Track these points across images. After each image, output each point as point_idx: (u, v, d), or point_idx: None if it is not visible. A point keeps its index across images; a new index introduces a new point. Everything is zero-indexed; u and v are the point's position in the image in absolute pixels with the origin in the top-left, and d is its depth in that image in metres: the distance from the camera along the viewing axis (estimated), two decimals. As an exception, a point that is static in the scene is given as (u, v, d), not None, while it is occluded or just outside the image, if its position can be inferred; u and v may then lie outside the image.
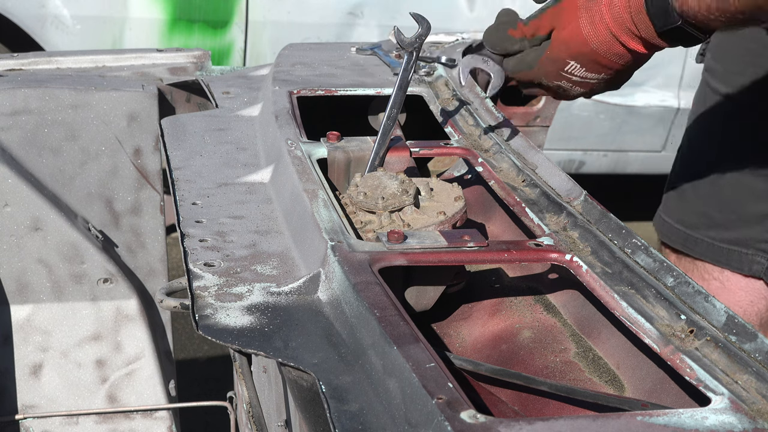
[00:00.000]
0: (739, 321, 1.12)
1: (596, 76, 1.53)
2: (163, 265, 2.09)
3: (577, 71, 1.52)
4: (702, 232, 2.10)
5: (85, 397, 2.02)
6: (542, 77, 1.56)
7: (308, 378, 1.11)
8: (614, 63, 1.49)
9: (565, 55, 1.51)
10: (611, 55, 1.48)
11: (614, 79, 1.54)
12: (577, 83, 1.55)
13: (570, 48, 1.50)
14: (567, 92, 1.58)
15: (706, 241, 2.10)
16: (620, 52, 1.47)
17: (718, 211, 2.07)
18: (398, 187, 1.40)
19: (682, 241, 2.14)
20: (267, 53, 4.06)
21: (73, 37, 3.91)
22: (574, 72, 1.53)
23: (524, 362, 1.38)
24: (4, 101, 1.92)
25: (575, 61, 1.51)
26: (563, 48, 1.50)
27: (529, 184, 1.49)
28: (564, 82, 1.55)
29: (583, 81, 1.54)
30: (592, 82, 1.54)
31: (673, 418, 0.97)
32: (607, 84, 1.56)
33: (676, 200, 2.17)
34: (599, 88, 1.57)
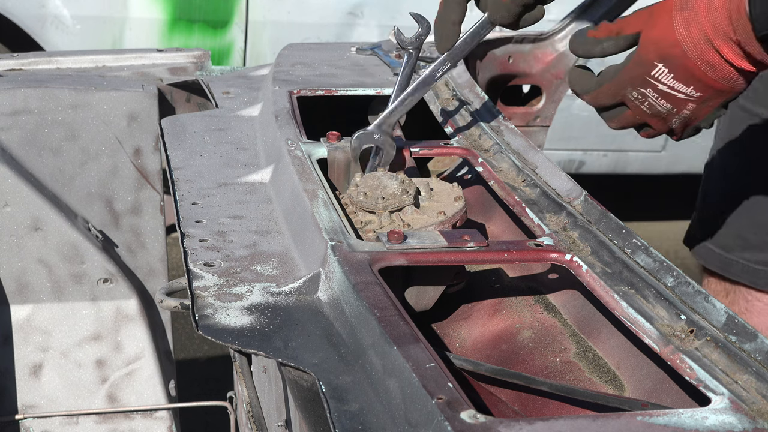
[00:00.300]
0: (739, 321, 1.12)
1: (684, 89, 1.36)
2: (163, 265, 2.09)
3: (664, 77, 1.37)
4: (737, 253, 2.10)
5: (85, 397, 2.02)
6: (627, 84, 1.39)
7: (308, 378, 1.11)
8: (705, 75, 1.34)
9: (653, 56, 1.36)
10: (702, 64, 1.33)
11: (705, 99, 1.37)
12: (663, 94, 1.37)
13: (659, 48, 1.35)
14: (654, 108, 1.39)
15: (742, 262, 2.10)
16: (713, 60, 1.32)
17: (753, 233, 2.07)
18: (398, 187, 1.40)
19: (718, 263, 2.14)
20: (267, 53, 4.06)
21: (73, 37, 3.91)
22: (661, 78, 1.37)
23: (524, 362, 1.38)
24: (4, 101, 1.92)
25: (663, 65, 1.35)
26: (652, 48, 1.36)
27: (529, 184, 1.49)
28: (650, 90, 1.37)
29: (670, 93, 1.37)
30: (680, 96, 1.37)
31: (673, 418, 0.97)
32: (698, 107, 1.38)
33: (710, 222, 2.17)
34: (688, 112, 1.39)
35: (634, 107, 1.40)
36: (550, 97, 2.30)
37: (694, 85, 1.35)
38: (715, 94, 1.36)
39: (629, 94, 1.39)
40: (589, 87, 1.42)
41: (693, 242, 2.22)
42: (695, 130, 1.43)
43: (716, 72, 1.33)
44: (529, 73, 2.27)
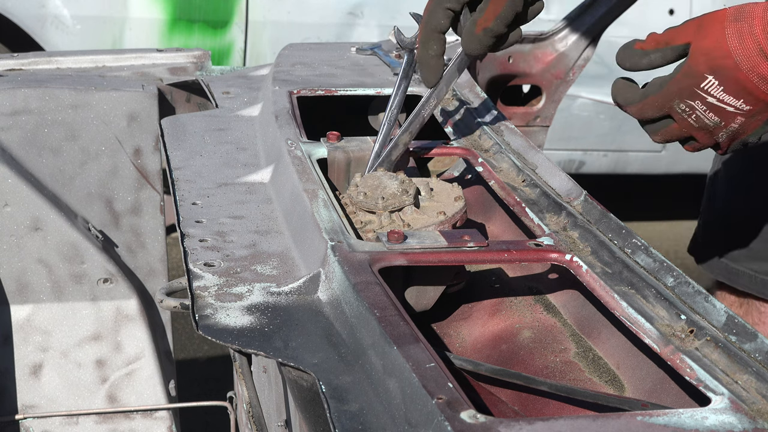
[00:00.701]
0: (739, 321, 1.12)
1: (734, 102, 1.31)
2: (163, 265, 2.09)
3: (714, 90, 1.31)
4: (744, 264, 2.10)
5: (85, 397, 2.02)
6: (674, 96, 1.34)
7: (308, 378, 1.11)
8: (757, 88, 1.29)
9: (704, 68, 1.31)
10: (755, 76, 1.28)
11: (755, 113, 1.33)
12: (712, 107, 1.32)
13: (710, 59, 1.30)
14: (701, 121, 1.35)
15: (749, 273, 2.10)
16: (766, 73, 1.28)
17: (759, 243, 2.07)
18: (398, 187, 1.40)
19: (725, 274, 2.14)
20: (267, 53, 4.06)
21: (73, 37, 3.91)
22: (711, 90, 1.31)
23: (524, 362, 1.38)
24: (4, 101, 1.92)
25: (714, 77, 1.30)
26: (702, 59, 1.31)
27: (529, 184, 1.49)
28: (698, 103, 1.33)
29: (719, 106, 1.32)
30: (729, 110, 1.32)
31: (673, 418, 0.97)
32: (747, 121, 1.34)
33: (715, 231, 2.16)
34: (736, 126, 1.35)
35: (681, 120, 1.36)
36: (550, 97, 2.30)
37: (744, 98, 1.31)
38: (766, 108, 1.32)
39: (676, 107, 1.34)
40: (634, 99, 1.38)
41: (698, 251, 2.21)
42: (742, 144, 1.39)
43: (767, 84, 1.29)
44: (529, 73, 2.27)
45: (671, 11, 4.27)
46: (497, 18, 1.39)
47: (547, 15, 4.16)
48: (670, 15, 4.25)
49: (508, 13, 1.39)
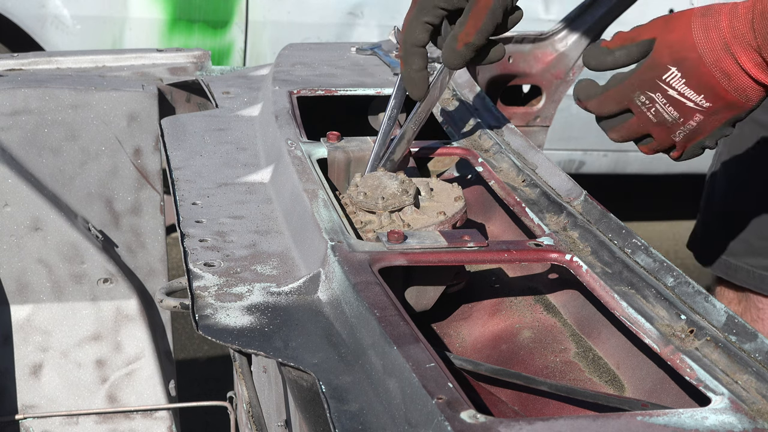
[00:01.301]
0: (739, 321, 1.12)
1: (695, 97, 1.30)
2: (163, 265, 2.09)
3: (676, 82, 1.30)
4: (742, 259, 2.10)
5: (85, 397, 2.02)
6: (636, 88, 1.33)
7: (308, 378, 1.11)
8: (719, 84, 1.28)
9: (667, 59, 1.30)
10: (717, 71, 1.28)
11: (714, 111, 1.32)
12: (672, 101, 1.31)
13: (674, 52, 1.30)
14: (660, 115, 1.33)
15: (747, 268, 2.10)
16: (729, 69, 1.27)
17: (757, 238, 2.07)
18: (398, 187, 1.40)
19: (724, 269, 2.14)
20: (267, 53, 4.06)
21: (73, 37, 3.91)
22: (673, 83, 1.30)
23: (524, 362, 1.38)
24: (4, 101, 1.92)
25: (677, 68, 1.29)
26: (666, 52, 1.30)
27: (529, 184, 1.49)
28: (659, 95, 1.31)
29: (680, 100, 1.31)
30: (689, 105, 1.31)
31: (673, 418, 0.97)
32: (706, 119, 1.33)
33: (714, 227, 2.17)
34: (695, 124, 1.33)
35: (640, 114, 1.35)
36: (550, 97, 2.30)
37: (705, 93, 1.30)
38: (726, 107, 1.31)
39: (636, 99, 1.34)
40: (595, 93, 1.37)
41: (697, 247, 2.22)
42: (699, 148, 1.38)
43: (730, 81, 1.28)
44: (529, 73, 2.27)
45: (671, 11, 4.27)
46: (478, 32, 1.38)
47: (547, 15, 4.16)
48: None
49: (489, 26, 1.38)
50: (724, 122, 1.33)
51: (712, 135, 1.36)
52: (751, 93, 1.29)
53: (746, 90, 1.29)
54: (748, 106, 1.31)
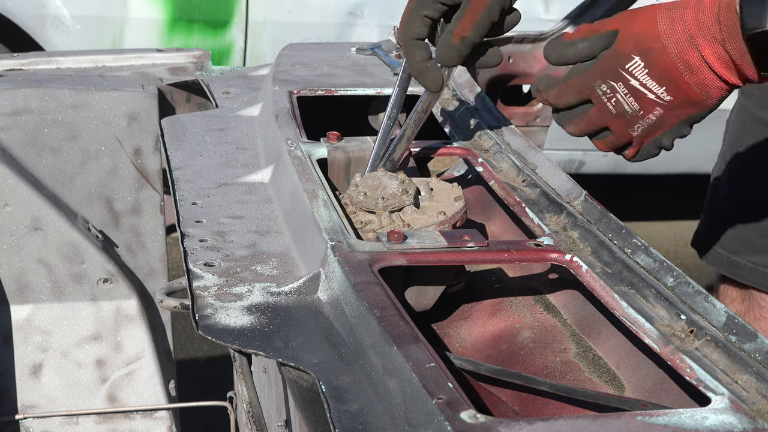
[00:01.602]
0: (739, 321, 1.12)
1: (656, 89, 1.29)
2: (163, 265, 2.09)
3: (638, 72, 1.29)
4: (745, 257, 2.10)
5: (85, 397, 2.02)
6: (597, 77, 1.31)
7: (308, 378, 1.11)
8: (681, 77, 1.27)
9: (631, 49, 1.28)
10: (681, 63, 1.26)
11: (675, 106, 1.31)
12: (633, 92, 1.30)
13: (638, 42, 1.28)
14: (620, 106, 1.32)
15: (749, 266, 2.10)
16: (692, 62, 1.26)
17: (759, 237, 2.08)
18: (398, 187, 1.40)
19: (727, 267, 2.14)
20: (267, 53, 4.06)
21: (73, 37, 3.91)
22: (636, 72, 1.29)
23: (524, 362, 1.38)
24: (4, 101, 1.92)
25: (640, 58, 1.28)
26: (630, 42, 1.29)
27: (529, 184, 1.49)
28: (620, 85, 1.30)
29: (641, 91, 1.29)
30: (650, 96, 1.30)
31: (673, 418, 0.97)
32: (665, 114, 1.31)
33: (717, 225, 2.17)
34: (654, 118, 1.32)
35: (600, 104, 1.32)
36: (550, 97, 2.30)
37: (667, 86, 1.29)
38: (687, 103, 1.30)
39: (597, 88, 1.32)
40: (555, 83, 1.35)
41: (700, 245, 2.23)
42: (655, 146, 1.37)
43: (693, 75, 1.28)
44: (529, 73, 2.27)
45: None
46: (474, 27, 1.36)
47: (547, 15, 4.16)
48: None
49: (485, 21, 1.36)
50: (683, 119, 1.32)
51: (670, 132, 1.34)
52: (712, 90, 1.28)
53: (708, 86, 1.28)
54: (708, 104, 1.30)
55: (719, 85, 1.28)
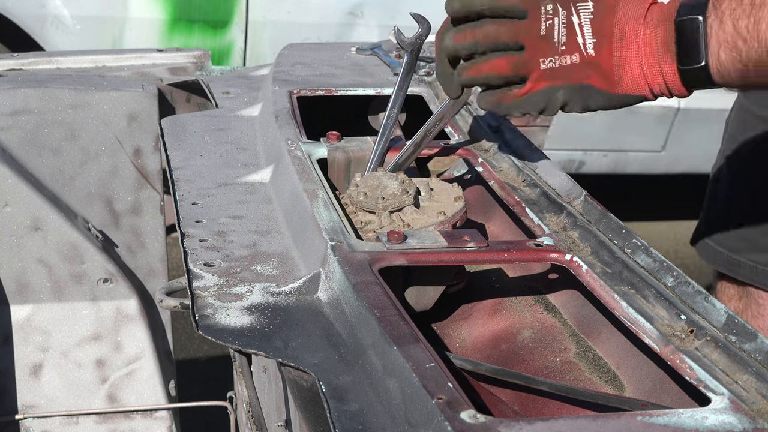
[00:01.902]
0: (739, 321, 1.12)
1: (588, 38, 1.30)
2: (163, 265, 2.09)
3: (584, 14, 1.30)
4: (745, 255, 2.10)
5: (85, 397, 2.02)
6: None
7: (308, 378, 1.11)
8: (610, 42, 1.29)
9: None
10: (618, 30, 1.29)
11: (587, 64, 1.30)
12: (569, 27, 1.30)
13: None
14: (551, 32, 1.31)
15: (750, 264, 2.11)
16: (629, 33, 1.29)
17: (760, 235, 2.08)
18: (398, 187, 1.40)
19: (727, 265, 2.14)
20: (267, 53, 4.06)
21: (73, 37, 3.91)
22: (582, 12, 1.30)
23: (524, 362, 1.38)
24: (4, 101, 1.92)
25: (593, 4, 1.31)
26: None
27: (529, 184, 1.49)
28: (564, 14, 1.31)
29: (575, 31, 1.30)
30: (578, 41, 1.30)
31: (673, 418, 0.97)
32: (573, 67, 1.31)
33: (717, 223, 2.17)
34: (566, 63, 1.31)
35: (534, 18, 1.31)
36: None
37: (597, 40, 1.30)
38: (599, 70, 1.30)
39: (544, 4, 1.31)
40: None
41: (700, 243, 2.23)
42: (544, 99, 1.33)
43: (620, 46, 1.29)
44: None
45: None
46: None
47: (547, 15, 4.16)
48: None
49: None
50: (585, 85, 1.31)
51: (566, 90, 1.32)
52: (626, 76, 1.29)
53: (625, 66, 1.29)
54: (614, 88, 1.30)
55: (636, 72, 1.29)
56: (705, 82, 1.27)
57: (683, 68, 1.27)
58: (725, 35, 1.24)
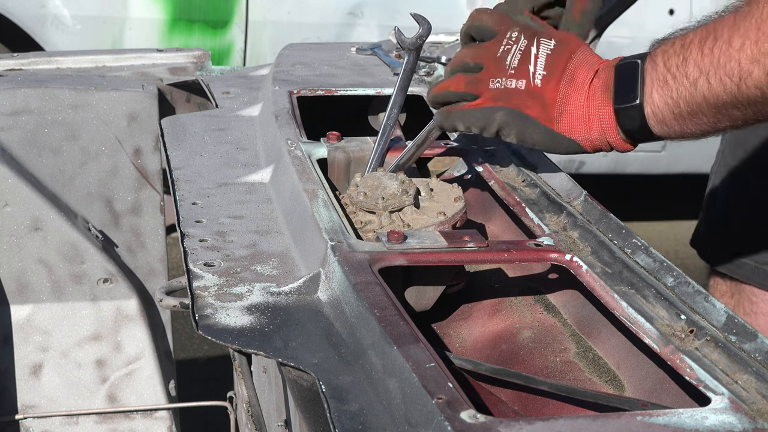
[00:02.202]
0: (739, 321, 1.12)
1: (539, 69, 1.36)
2: (163, 265, 2.09)
3: (543, 49, 1.37)
4: (746, 255, 2.11)
5: (85, 397, 2.02)
6: (520, 27, 1.39)
7: (308, 378, 1.11)
8: (559, 81, 1.36)
9: (559, 37, 1.39)
10: (570, 71, 1.36)
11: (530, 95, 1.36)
12: (525, 55, 1.37)
13: (568, 39, 1.39)
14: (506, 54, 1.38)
15: (751, 264, 2.11)
16: (579, 79, 1.36)
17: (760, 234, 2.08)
18: (398, 187, 1.40)
19: (727, 265, 2.14)
20: (267, 53, 4.06)
21: (73, 37, 3.91)
22: (542, 47, 1.36)
23: (524, 362, 1.38)
24: (4, 101, 1.92)
25: (555, 44, 1.37)
26: (566, 37, 1.39)
27: (529, 184, 1.49)
28: (524, 44, 1.37)
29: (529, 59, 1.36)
30: (529, 68, 1.36)
31: (673, 417, 0.97)
32: (518, 93, 1.36)
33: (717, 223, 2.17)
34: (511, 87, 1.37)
35: (498, 41, 1.39)
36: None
37: (546, 74, 1.36)
38: (542, 101, 1.36)
39: (511, 30, 1.39)
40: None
41: (700, 243, 2.23)
42: (485, 117, 1.38)
43: (568, 86, 1.35)
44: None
45: (671, 11, 4.27)
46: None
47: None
48: (670, 15, 4.24)
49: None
50: (524, 114, 1.36)
51: (504, 112, 1.37)
52: (567, 116, 1.35)
53: (567, 105, 1.35)
54: (551, 124, 1.36)
55: (576, 113, 1.35)
56: (641, 125, 1.32)
57: (618, 107, 1.32)
58: (657, 74, 1.29)
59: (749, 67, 1.20)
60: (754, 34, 1.19)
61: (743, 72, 1.20)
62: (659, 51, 1.30)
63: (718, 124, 1.27)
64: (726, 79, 1.22)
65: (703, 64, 1.24)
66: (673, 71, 1.27)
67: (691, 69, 1.25)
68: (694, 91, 1.25)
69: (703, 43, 1.24)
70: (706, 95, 1.24)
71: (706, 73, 1.24)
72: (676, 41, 1.28)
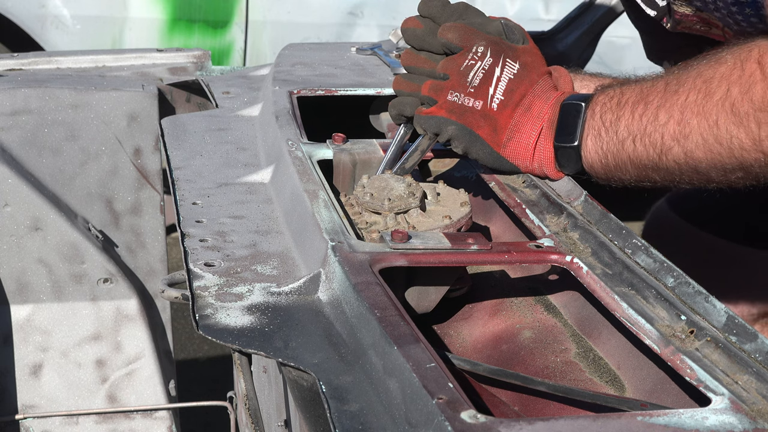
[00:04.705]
0: (739, 321, 1.12)
1: (498, 92, 1.41)
2: (163, 265, 2.09)
3: (507, 72, 1.41)
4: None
5: (85, 397, 2.02)
6: (488, 43, 1.42)
7: (308, 378, 1.11)
8: (516, 106, 1.40)
9: (526, 61, 1.42)
10: (527, 100, 1.41)
11: (486, 117, 1.41)
12: (489, 75, 1.40)
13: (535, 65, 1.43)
14: (469, 70, 1.41)
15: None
16: (534, 107, 1.41)
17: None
18: (405, 189, 1.40)
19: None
20: (267, 53, 4.06)
21: (73, 37, 3.91)
22: (506, 69, 1.41)
23: (525, 362, 1.38)
24: (4, 101, 1.92)
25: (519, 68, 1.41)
26: (534, 61, 1.43)
27: (530, 185, 1.49)
28: (489, 62, 1.40)
29: (491, 80, 1.40)
30: (489, 89, 1.41)
31: (674, 418, 0.97)
32: (475, 114, 1.41)
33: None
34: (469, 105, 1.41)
35: (463, 55, 1.41)
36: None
37: (504, 98, 1.40)
38: (494, 125, 1.41)
39: (478, 45, 1.41)
40: (452, 13, 1.45)
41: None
42: (437, 126, 1.42)
43: (523, 115, 1.40)
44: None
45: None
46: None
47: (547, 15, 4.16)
48: (670, 15, 4.24)
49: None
50: (474, 133, 1.42)
51: (457, 127, 1.42)
52: (516, 143, 1.42)
53: (517, 132, 1.41)
54: (497, 149, 1.42)
55: (524, 141, 1.41)
56: (575, 164, 1.40)
57: (558, 144, 1.40)
58: (594, 123, 1.37)
59: (670, 143, 1.29)
60: (678, 115, 1.28)
61: (665, 146, 1.30)
62: (599, 102, 1.37)
63: (640, 182, 1.38)
64: (650, 147, 1.31)
65: (632, 127, 1.32)
66: (607, 125, 1.35)
67: (621, 128, 1.34)
68: (621, 149, 1.34)
69: (635, 108, 1.32)
70: (631, 156, 1.34)
71: (633, 136, 1.32)
72: (615, 97, 1.36)
